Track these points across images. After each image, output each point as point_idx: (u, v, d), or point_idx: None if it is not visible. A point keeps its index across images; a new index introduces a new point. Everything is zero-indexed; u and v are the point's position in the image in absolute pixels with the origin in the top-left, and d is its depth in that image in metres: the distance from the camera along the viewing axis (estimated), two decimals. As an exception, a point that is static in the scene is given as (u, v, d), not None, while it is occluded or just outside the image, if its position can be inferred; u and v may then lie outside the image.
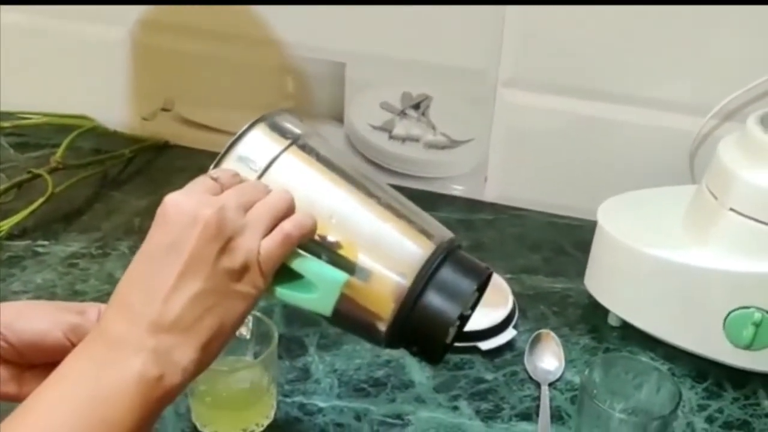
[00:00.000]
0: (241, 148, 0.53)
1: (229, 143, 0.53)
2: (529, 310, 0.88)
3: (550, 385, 0.79)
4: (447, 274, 0.52)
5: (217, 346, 0.46)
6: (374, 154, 1.09)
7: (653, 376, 0.68)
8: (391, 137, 1.07)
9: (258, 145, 0.53)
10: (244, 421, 0.71)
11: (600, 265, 0.86)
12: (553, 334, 0.83)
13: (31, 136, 1.16)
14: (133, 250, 0.96)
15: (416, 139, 1.06)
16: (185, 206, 0.46)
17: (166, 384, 0.44)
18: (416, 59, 1.01)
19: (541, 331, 0.84)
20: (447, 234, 0.55)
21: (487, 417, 0.76)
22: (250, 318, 0.73)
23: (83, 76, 1.16)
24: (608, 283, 0.85)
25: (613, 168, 0.99)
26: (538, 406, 0.76)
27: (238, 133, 0.54)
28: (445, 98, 1.03)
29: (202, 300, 0.44)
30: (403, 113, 1.05)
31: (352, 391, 0.78)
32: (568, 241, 1.00)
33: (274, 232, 0.47)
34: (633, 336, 0.84)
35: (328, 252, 0.51)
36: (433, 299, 0.51)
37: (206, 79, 1.12)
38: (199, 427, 0.72)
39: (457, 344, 0.82)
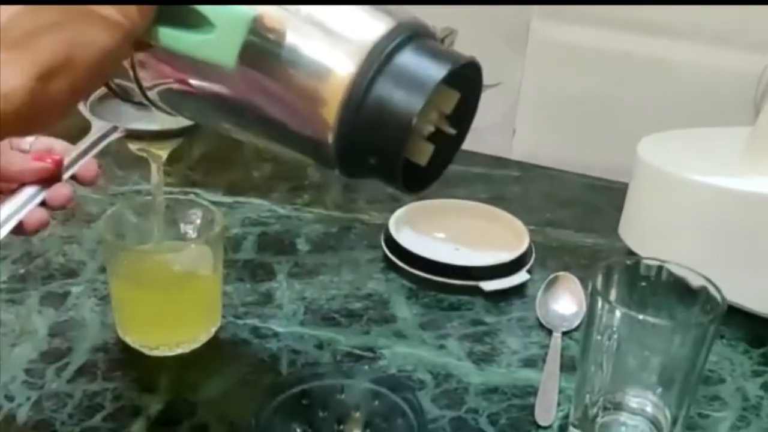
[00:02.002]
0: None
1: None
2: (550, 259, 0.73)
3: (564, 334, 0.63)
4: (408, 58, 0.39)
5: (62, 85, 0.33)
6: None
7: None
8: (409, 81, 0.95)
9: None
10: (177, 330, 0.58)
11: (638, 208, 0.71)
12: (574, 278, 0.68)
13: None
14: (104, 172, 0.87)
15: (437, 83, 0.94)
16: None
17: None
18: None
19: (560, 273, 0.68)
20: (415, 18, 0.41)
21: (480, 359, 0.61)
22: (198, 214, 0.60)
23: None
24: (647, 229, 0.70)
25: (665, 119, 0.85)
26: (546, 354, 0.61)
27: None
28: (472, 33, 0.90)
29: (42, 13, 0.32)
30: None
31: (319, 319, 0.64)
32: (605, 201, 0.85)
33: None
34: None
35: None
36: (388, 88, 0.38)
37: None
38: (122, 335, 0.59)
39: (454, 281, 0.69)
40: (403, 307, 0.66)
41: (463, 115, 0.45)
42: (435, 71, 0.38)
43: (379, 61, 0.38)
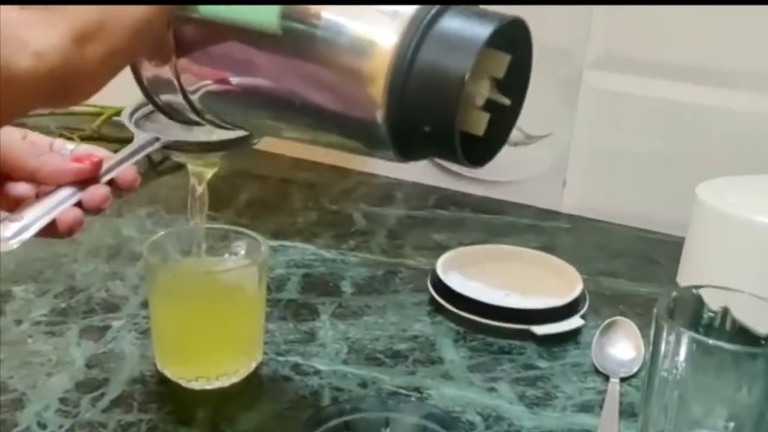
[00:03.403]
0: None
1: None
2: (605, 307, 0.70)
3: (622, 380, 0.60)
4: (451, 22, 0.37)
5: (98, 49, 0.32)
6: (438, 153, 0.96)
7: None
8: (458, 132, 0.94)
9: None
10: (218, 360, 0.56)
11: (699, 253, 0.68)
12: (632, 323, 0.64)
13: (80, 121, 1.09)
14: (152, 215, 0.87)
15: (486, 134, 0.93)
16: None
17: (4, 64, 0.31)
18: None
19: (617, 317, 0.65)
20: None
21: (533, 403, 0.57)
22: (243, 245, 0.59)
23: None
24: (708, 274, 0.67)
25: (721, 169, 0.82)
26: (603, 400, 0.57)
27: None
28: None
29: None
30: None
31: (362, 359, 0.61)
32: (660, 253, 0.81)
33: None
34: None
35: None
36: (434, 53, 0.37)
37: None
38: (161, 368, 0.57)
39: (504, 325, 0.66)
40: (450, 349, 0.63)
41: (517, 84, 0.43)
42: (481, 29, 0.37)
43: (421, 27, 0.37)
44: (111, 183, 0.45)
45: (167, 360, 0.57)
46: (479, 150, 0.44)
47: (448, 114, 0.38)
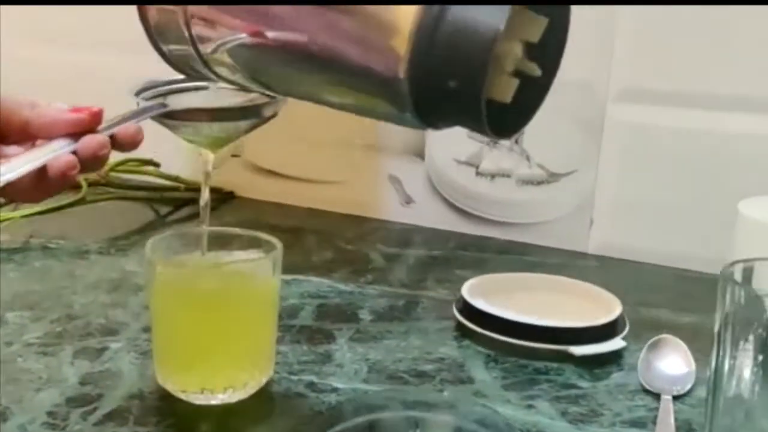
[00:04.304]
0: None
1: None
2: (646, 332, 0.64)
3: (675, 398, 0.53)
4: None
5: None
6: (458, 197, 0.92)
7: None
8: (478, 173, 0.91)
9: None
10: (223, 368, 0.50)
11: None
12: (680, 341, 0.59)
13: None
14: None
15: (507, 174, 0.89)
16: None
17: None
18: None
19: (664, 335, 0.59)
20: None
21: (577, 420, 0.51)
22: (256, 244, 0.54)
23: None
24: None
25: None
26: (656, 417, 0.51)
27: None
28: (543, 120, 0.87)
29: None
30: (493, 142, 0.89)
31: (384, 378, 0.56)
32: (699, 289, 0.75)
33: None
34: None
35: None
36: (464, 8, 0.34)
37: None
38: (161, 381, 0.52)
39: (539, 345, 0.60)
40: (481, 370, 0.58)
41: (550, 56, 0.40)
42: None
43: None
44: (112, 143, 0.41)
45: (169, 369, 0.51)
46: (503, 121, 0.41)
47: (476, 71, 0.36)
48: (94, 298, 0.68)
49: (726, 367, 0.44)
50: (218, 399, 0.50)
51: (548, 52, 0.42)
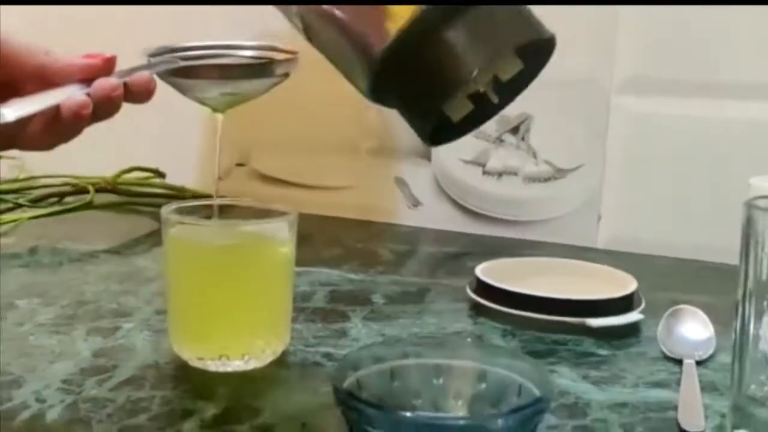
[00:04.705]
0: None
1: None
2: (663, 308, 0.63)
3: (697, 364, 0.53)
4: (489, 12, 0.37)
5: None
6: (465, 197, 0.92)
7: None
8: (485, 172, 0.91)
9: None
10: (241, 334, 0.50)
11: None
12: (700, 311, 0.58)
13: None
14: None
15: (514, 172, 0.90)
16: None
17: None
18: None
19: (683, 305, 0.59)
20: None
21: (600, 382, 0.50)
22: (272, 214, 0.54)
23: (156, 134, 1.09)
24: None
25: None
26: (678, 379, 0.50)
27: None
28: (548, 116, 0.87)
29: None
30: (499, 140, 0.90)
31: (402, 349, 0.55)
32: (714, 278, 0.75)
33: None
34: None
35: None
36: (460, 30, 0.36)
37: (282, 122, 1.01)
38: (177, 350, 0.51)
39: (556, 318, 0.59)
40: (499, 342, 0.57)
41: (512, 87, 0.42)
42: (516, 35, 0.37)
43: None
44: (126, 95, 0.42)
45: (186, 337, 0.50)
46: (439, 129, 0.43)
47: (440, 93, 0.39)
48: (105, 287, 0.67)
49: (752, 327, 0.44)
50: (235, 366, 0.49)
51: (509, 87, 0.43)
